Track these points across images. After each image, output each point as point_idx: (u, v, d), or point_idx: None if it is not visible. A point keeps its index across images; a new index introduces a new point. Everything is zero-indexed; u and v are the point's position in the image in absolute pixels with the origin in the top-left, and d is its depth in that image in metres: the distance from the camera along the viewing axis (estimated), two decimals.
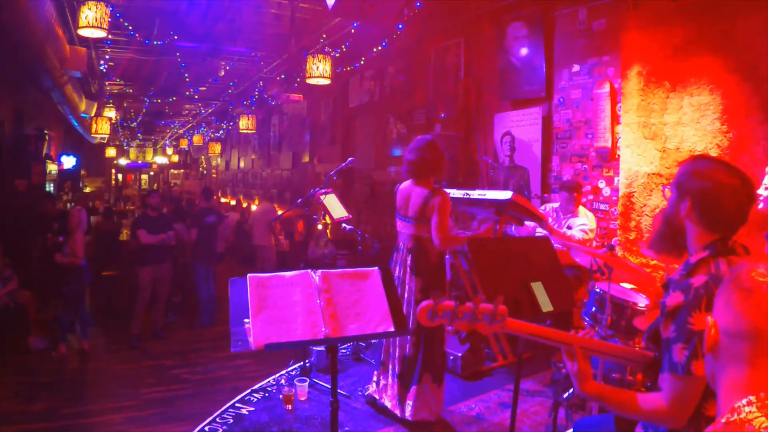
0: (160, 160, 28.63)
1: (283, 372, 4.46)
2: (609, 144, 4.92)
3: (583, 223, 4.52)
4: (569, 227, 4.56)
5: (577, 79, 5.32)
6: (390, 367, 3.60)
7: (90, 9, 4.95)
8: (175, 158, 27.78)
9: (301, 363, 4.32)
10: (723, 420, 0.86)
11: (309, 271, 2.36)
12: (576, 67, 5.32)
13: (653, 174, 4.48)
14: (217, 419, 3.63)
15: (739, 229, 1.54)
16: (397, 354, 3.56)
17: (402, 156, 3.59)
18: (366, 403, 3.77)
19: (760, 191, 3.14)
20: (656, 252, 1.72)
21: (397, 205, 3.58)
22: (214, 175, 23.24)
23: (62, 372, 4.91)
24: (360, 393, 3.96)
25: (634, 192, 4.62)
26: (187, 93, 11.92)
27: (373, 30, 7.04)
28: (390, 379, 3.60)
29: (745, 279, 0.93)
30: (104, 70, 9.70)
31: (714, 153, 4.01)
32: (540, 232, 4.73)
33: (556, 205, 4.81)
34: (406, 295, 3.46)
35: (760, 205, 3.11)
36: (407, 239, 3.53)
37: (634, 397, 1.51)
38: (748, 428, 0.81)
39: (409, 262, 3.50)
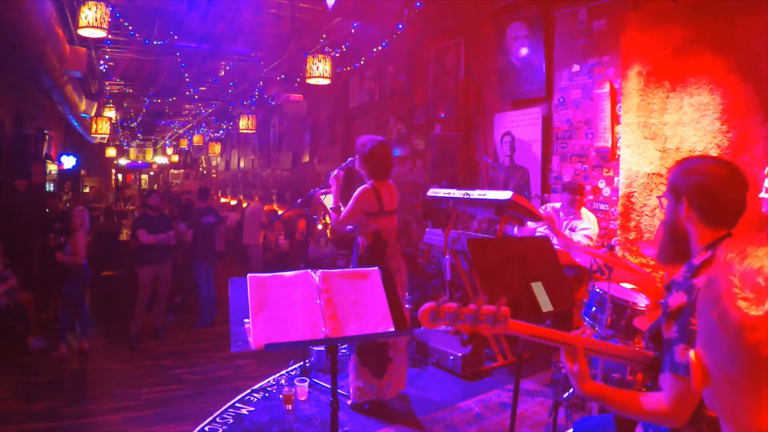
0: (160, 160, 28.62)
1: (283, 372, 4.46)
2: (609, 144, 4.92)
3: (586, 227, 4.51)
4: (571, 229, 4.56)
5: (577, 79, 5.32)
6: (399, 355, 3.76)
7: (90, 9, 4.95)
8: (175, 158, 27.77)
9: (301, 363, 4.32)
10: None
11: (309, 271, 2.36)
12: (576, 67, 5.32)
13: (653, 174, 4.48)
14: (217, 419, 3.63)
15: (738, 219, 1.54)
16: (403, 340, 3.82)
17: (370, 156, 3.78)
18: (366, 408, 3.75)
19: (762, 194, 3.14)
20: (664, 262, 1.71)
21: (382, 204, 3.73)
22: (214, 175, 23.24)
23: (62, 372, 4.90)
24: None
25: (634, 192, 4.61)
26: (187, 93, 11.91)
27: (373, 30, 7.04)
28: (404, 363, 3.82)
29: (729, 308, 0.75)
30: (104, 70, 9.69)
31: (714, 153, 4.01)
32: (540, 232, 4.73)
33: (557, 205, 4.81)
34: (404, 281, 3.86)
35: (764, 209, 3.10)
36: (393, 231, 3.85)
37: (634, 397, 1.51)
38: None
39: (398, 249, 3.91)
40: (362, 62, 8.18)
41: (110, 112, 11.91)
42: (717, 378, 0.79)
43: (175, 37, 7.54)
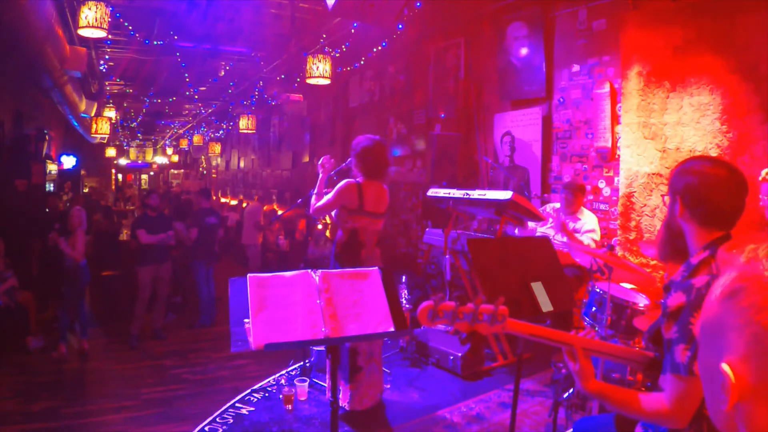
0: (160, 160, 28.63)
1: (283, 372, 4.46)
2: (609, 144, 4.92)
3: (590, 229, 4.51)
4: (573, 230, 4.56)
5: (577, 79, 5.32)
6: (370, 364, 3.72)
7: (90, 9, 4.95)
8: (175, 158, 27.78)
9: (301, 363, 4.32)
10: None
11: (309, 271, 2.36)
12: (576, 67, 5.32)
13: (653, 174, 4.48)
14: (217, 419, 3.63)
15: (735, 221, 1.54)
16: (377, 347, 3.75)
17: (363, 155, 3.74)
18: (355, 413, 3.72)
19: (762, 202, 3.13)
20: (662, 259, 1.73)
21: (362, 203, 3.64)
22: (214, 175, 23.24)
23: (62, 372, 4.90)
24: None
25: (634, 192, 4.61)
26: (187, 93, 11.91)
27: (373, 30, 7.03)
28: (375, 372, 3.74)
29: None
30: (104, 70, 9.70)
31: (714, 153, 4.01)
32: (540, 231, 4.73)
33: (557, 205, 4.80)
34: None
35: (767, 214, 3.09)
36: (373, 234, 3.77)
37: (636, 397, 1.51)
38: None
39: (378, 254, 3.79)
40: (362, 62, 8.18)
41: (110, 112, 11.91)
42: (765, 392, 0.72)
43: (175, 37, 7.53)
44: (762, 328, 0.71)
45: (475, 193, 4.32)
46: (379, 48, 7.51)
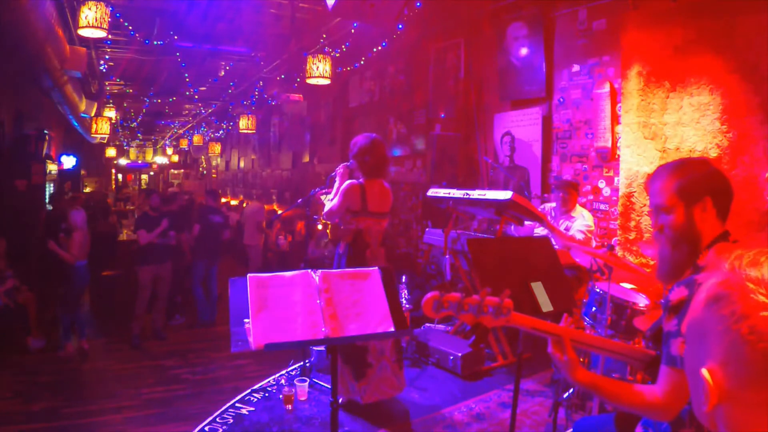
0: (160, 160, 28.63)
1: (283, 372, 4.46)
2: (609, 144, 4.92)
3: (582, 224, 4.51)
4: (566, 229, 4.56)
5: (577, 79, 5.32)
6: (381, 362, 3.69)
7: (90, 9, 4.95)
8: (175, 158, 27.77)
9: (301, 363, 4.32)
10: None
11: (309, 271, 2.36)
12: (576, 67, 5.32)
13: None
14: (217, 419, 3.63)
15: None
16: (388, 345, 3.71)
17: (360, 155, 3.75)
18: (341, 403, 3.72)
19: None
20: (676, 276, 1.64)
21: (365, 203, 3.66)
22: (214, 175, 23.23)
23: (62, 372, 4.90)
24: None
25: (634, 192, 4.62)
26: (187, 93, 11.91)
27: (373, 30, 7.04)
28: (387, 369, 3.70)
29: (760, 321, 0.71)
30: (104, 70, 9.69)
31: (714, 153, 4.01)
32: (538, 232, 4.73)
33: (554, 204, 4.81)
34: None
35: None
36: (378, 234, 3.78)
37: (628, 388, 1.51)
38: None
39: (382, 253, 3.81)
40: (362, 62, 8.18)
41: (110, 112, 11.91)
42: (741, 396, 0.73)
43: (175, 37, 7.53)
44: (740, 336, 0.72)
45: (475, 193, 4.32)
46: (379, 48, 7.51)
